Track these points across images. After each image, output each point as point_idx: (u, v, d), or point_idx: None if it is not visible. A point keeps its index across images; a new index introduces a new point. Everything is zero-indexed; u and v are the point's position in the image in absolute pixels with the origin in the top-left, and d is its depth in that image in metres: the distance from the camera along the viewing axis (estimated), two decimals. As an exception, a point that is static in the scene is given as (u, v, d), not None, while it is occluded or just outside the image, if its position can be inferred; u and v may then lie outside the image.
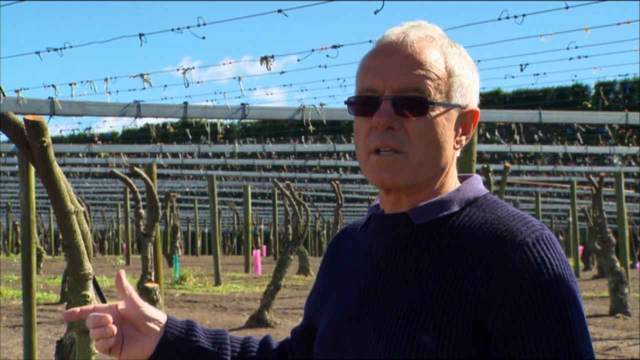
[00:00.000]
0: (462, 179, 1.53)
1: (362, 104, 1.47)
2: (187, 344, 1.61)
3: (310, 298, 1.71)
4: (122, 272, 1.60)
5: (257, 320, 11.64)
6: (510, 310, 1.33)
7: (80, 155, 18.01)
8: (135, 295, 1.59)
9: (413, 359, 1.37)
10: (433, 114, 1.44)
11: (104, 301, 2.27)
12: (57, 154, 17.01)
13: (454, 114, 1.47)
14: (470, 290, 1.35)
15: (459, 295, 1.36)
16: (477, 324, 1.34)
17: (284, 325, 11.65)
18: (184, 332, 1.62)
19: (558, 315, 1.32)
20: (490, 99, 43.12)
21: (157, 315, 1.60)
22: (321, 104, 9.52)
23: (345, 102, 1.50)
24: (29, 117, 2.43)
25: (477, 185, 1.51)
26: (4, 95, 6.72)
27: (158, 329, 1.60)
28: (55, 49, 7.97)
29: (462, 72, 1.48)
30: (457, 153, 1.51)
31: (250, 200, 23.52)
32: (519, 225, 1.39)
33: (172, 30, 7.88)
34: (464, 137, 1.50)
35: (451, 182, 1.50)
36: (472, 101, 1.50)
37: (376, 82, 1.46)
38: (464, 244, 1.40)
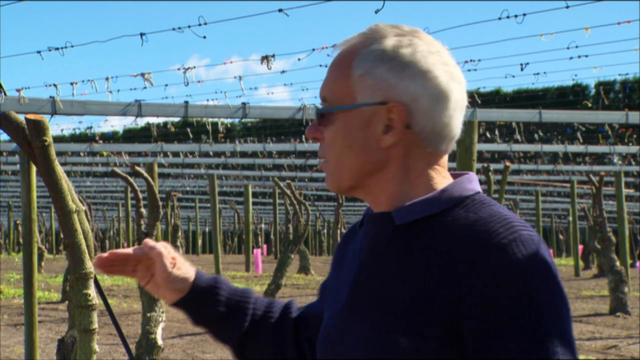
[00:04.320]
0: (456, 177, 1.51)
1: None
2: (203, 311, 1.70)
3: (323, 289, 1.72)
4: (149, 242, 1.66)
5: (258, 319, 11.63)
6: (482, 313, 1.30)
7: (82, 154, 18.02)
8: (165, 260, 1.64)
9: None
10: (339, 119, 1.46)
11: (105, 300, 2.28)
12: (59, 153, 17.02)
13: (364, 114, 1.45)
14: (445, 292, 1.33)
15: (435, 297, 1.34)
16: (452, 326, 1.33)
17: (284, 324, 11.64)
18: (202, 300, 1.69)
19: (532, 319, 1.29)
20: (490, 99, 43.09)
21: (185, 275, 1.67)
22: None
23: None
24: (31, 117, 2.44)
25: (466, 185, 1.47)
26: (5, 94, 6.73)
27: (178, 295, 1.68)
28: (57, 48, 7.98)
29: (373, 70, 1.45)
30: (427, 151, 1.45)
31: (250, 200, 23.51)
32: (497, 226, 1.36)
33: (173, 29, 7.89)
34: (388, 135, 1.44)
35: (422, 180, 1.46)
36: (392, 97, 1.44)
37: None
38: (443, 245, 1.38)
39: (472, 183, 1.48)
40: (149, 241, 1.66)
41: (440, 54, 1.46)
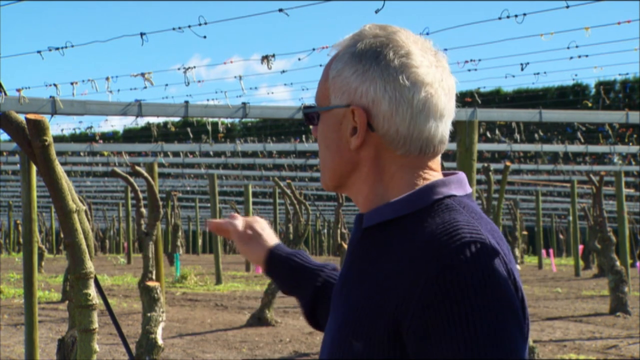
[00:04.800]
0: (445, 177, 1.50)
1: None
2: (280, 280, 1.91)
3: None
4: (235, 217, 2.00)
5: (258, 319, 11.65)
6: (419, 315, 1.29)
7: (82, 154, 18.03)
8: (234, 235, 1.95)
9: None
10: (321, 120, 1.49)
11: (105, 300, 2.28)
12: (59, 153, 17.02)
13: (337, 116, 1.46)
14: (391, 298, 1.33)
15: (383, 303, 1.33)
16: (397, 333, 1.32)
17: (284, 324, 11.66)
18: (276, 271, 1.91)
19: (463, 322, 1.27)
20: (490, 98, 43.07)
21: (258, 248, 1.93)
22: (322, 103, 9.51)
23: None
24: (31, 116, 2.44)
25: (438, 188, 1.42)
26: (5, 94, 6.73)
27: (261, 265, 1.92)
28: (57, 48, 7.98)
29: (342, 73, 1.45)
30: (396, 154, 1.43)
31: (251, 199, 23.51)
32: (443, 234, 1.33)
33: (174, 29, 7.88)
34: (354, 137, 1.44)
35: (395, 183, 1.44)
36: (354, 100, 1.44)
37: None
38: (396, 250, 1.37)
39: (449, 186, 1.44)
40: (234, 215, 1.98)
41: (409, 56, 1.42)
